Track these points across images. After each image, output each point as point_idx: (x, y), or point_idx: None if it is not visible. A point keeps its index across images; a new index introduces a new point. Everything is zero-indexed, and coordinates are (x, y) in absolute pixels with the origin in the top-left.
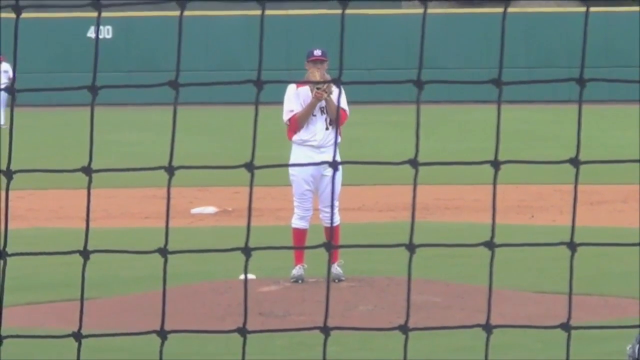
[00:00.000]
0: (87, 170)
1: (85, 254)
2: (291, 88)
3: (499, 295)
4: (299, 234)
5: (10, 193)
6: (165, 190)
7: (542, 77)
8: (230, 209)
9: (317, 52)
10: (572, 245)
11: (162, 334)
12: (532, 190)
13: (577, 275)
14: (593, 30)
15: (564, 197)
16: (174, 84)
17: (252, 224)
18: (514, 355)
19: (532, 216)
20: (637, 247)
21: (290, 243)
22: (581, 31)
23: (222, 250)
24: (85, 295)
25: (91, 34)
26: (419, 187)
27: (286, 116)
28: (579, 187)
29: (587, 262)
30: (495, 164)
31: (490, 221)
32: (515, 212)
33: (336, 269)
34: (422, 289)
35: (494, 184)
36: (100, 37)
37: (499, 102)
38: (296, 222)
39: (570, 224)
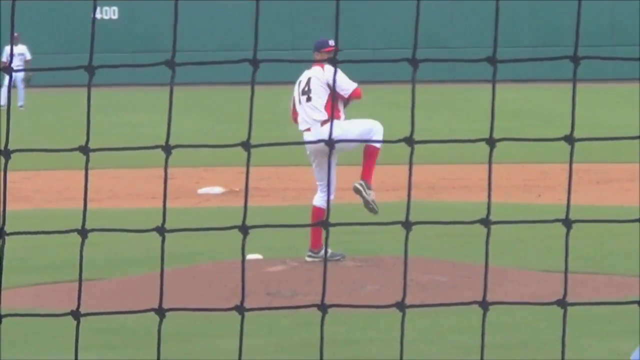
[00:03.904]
0: (85, 150)
1: (83, 232)
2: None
3: (506, 274)
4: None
5: (17, 174)
6: (170, 170)
7: (547, 56)
8: (237, 189)
9: (333, 42)
10: (567, 223)
11: (160, 312)
12: (538, 169)
13: (583, 254)
14: (599, 9)
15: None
16: (171, 64)
17: (258, 204)
18: (519, 334)
19: (539, 195)
20: None
21: (294, 223)
22: (587, 9)
23: (220, 228)
24: (91, 276)
25: (97, 14)
26: (425, 167)
27: (353, 86)
28: (585, 165)
29: (593, 241)
30: (490, 142)
31: (495, 200)
32: (522, 191)
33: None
34: (428, 269)
35: (490, 162)
36: (106, 17)
37: (493, 80)
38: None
39: (577, 202)
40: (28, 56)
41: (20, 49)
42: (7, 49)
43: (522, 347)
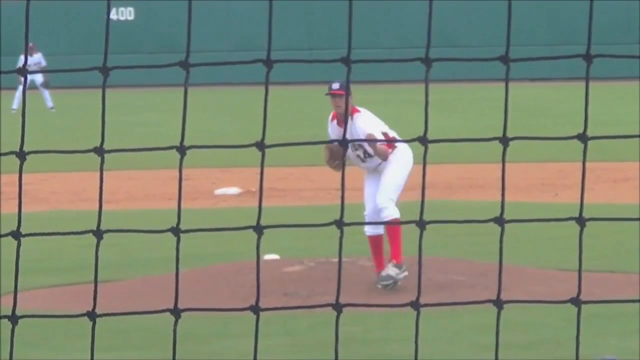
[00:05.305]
0: (100, 151)
1: (98, 234)
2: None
3: (524, 273)
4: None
5: (34, 176)
6: (186, 171)
7: (560, 55)
8: (253, 189)
9: (335, 86)
10: (581, 221)
11: (176, 312)
12: (555, 168)
13: (600, 253)
14: (614, 7)
15: (588, 174)
16: (185, 65)
17: (275, 204)
18: (537, 332)
19: (556, 194)
20: None
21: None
22: (603, 7)
23: (234, 228)
24: (108, 277)
25: (113, 15)
26: (442, 166)
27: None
28: (602, 164)
29: (610, 240)
30: (504, 141)
31: (512, 199)
32: (539, 190)
33: (390, 268)
34: (445, 268)
35: (503, 161)
36: (122, 18)
37: (506, 79)
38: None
39: (593, 201)
40: (43, 62)
41: (36, 58)
42: (22, 57)
43: (539, 345)
